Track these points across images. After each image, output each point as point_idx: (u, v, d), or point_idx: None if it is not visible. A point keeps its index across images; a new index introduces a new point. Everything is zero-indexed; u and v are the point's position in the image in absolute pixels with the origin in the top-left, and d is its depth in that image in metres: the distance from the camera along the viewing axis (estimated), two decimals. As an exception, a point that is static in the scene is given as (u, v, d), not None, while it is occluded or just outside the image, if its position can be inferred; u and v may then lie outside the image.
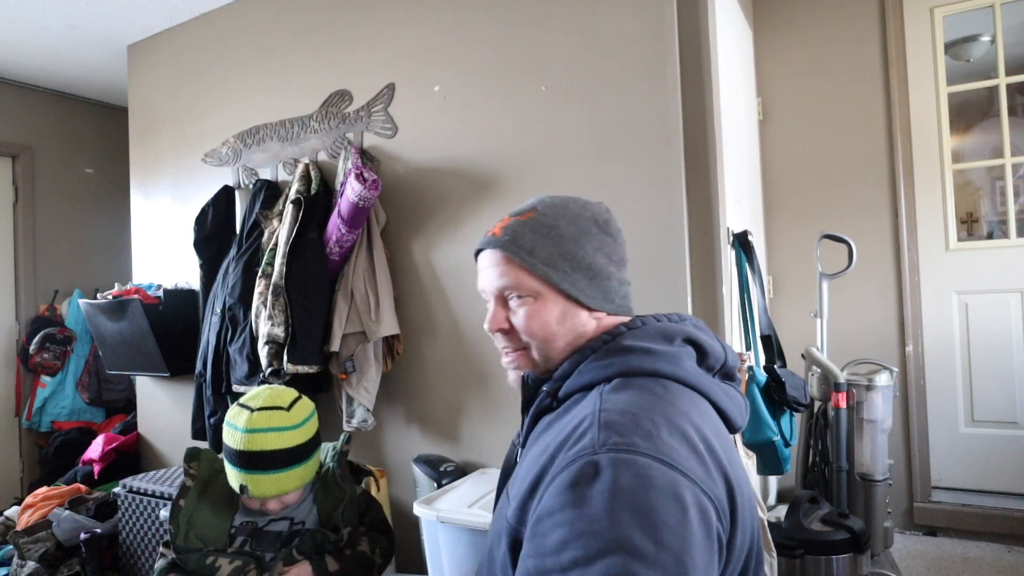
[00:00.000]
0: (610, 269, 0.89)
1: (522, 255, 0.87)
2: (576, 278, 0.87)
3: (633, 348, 0.83)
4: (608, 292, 0.89)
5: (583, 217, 0.89)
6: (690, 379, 0.82)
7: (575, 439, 0.74)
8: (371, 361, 2.26)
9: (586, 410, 0.77)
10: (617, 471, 0.67)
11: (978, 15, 2.67)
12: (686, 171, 1.91)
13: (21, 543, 2.38)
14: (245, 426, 1.33)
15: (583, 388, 0.84)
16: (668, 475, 0.67)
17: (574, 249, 0.87)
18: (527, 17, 2.14)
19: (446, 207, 2.28)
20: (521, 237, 0.88)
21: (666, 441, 0.70)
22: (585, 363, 0.85)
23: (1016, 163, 2.70)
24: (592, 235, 0.89)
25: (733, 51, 2.34)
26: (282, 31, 2.70)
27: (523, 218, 0.90)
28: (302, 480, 1.39)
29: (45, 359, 3.59)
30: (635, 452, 0.68)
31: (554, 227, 0.88)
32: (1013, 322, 2.56)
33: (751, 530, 0.76)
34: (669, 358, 0.82)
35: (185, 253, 2.86)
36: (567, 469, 0.70)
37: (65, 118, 3.99)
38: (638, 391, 0.78)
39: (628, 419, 0.72)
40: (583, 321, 0.88)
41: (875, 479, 2.03)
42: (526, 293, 0.88)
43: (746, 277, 2.03)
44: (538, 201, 0.93)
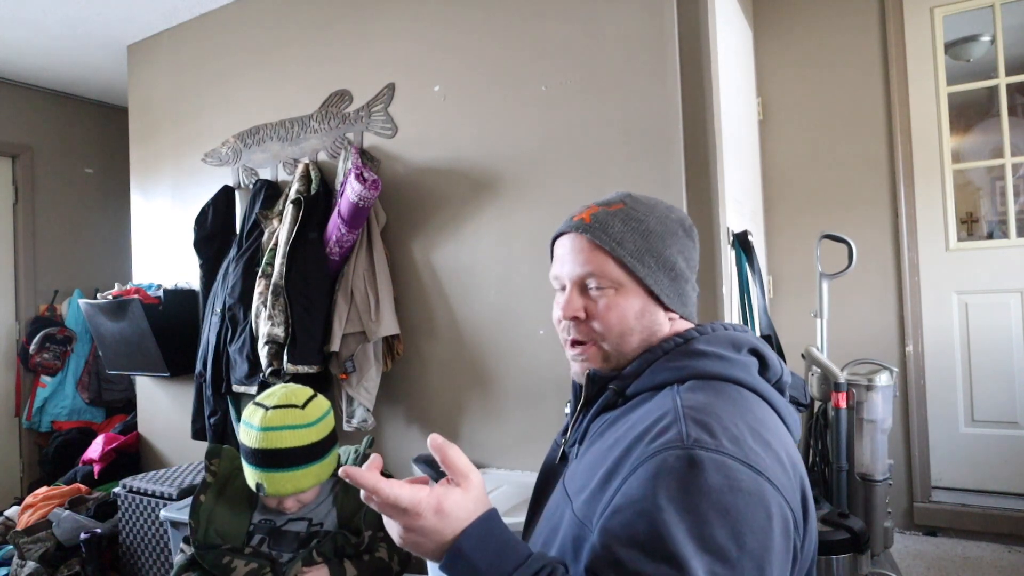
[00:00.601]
0: (688, 273, 0.90)
1: (611, 244, 0.85)
2: (659, 276, 0.86)
3: (707, 353, 0.82)
4: (684, 295, 0.89)
5: (671, 218, 0.90)
6: (761, 389, 0.82)
7: (657, 432, 0.72)
8: (371, 361, 2.26)
9: (664, 406, 0.76)
10: (707, 469, 0.66)
11: (978, 15, 2.67)
12: (686, 171, 1.91)
13: (21, 543, 2.38)
14: (260, 424, 1.34)
15: (653, 388, 0.83)
16: (756, 480, 0.67)
17: (660, 247, 0.87)
18: (527, 17, 2.14)
19: (446, 207, 2.28)
20: (611, 226, 0.86)
21: (752, 446, 0.70)
22: (658, 363, 0.84)
23: (1016, 163, 2.70)
24: (678, 237, 0.89)
25: (733, 51, 2.34)
26: (282, 31, 2.70)
27: (612, 208, 0.89)
28: (318, 478, 1.39)
29: (45, 359, 3.59)
30: (724, 453, 0.67)
31: (644, 222, 0.87)
32: (1013, 322, 2.56)
33: (815, 539, 0.77)
34: (742, 366, 0.82)
35: (185, 253, 2.86)
36: (652, 459, 0.69)
37: (65, 118, 3.99)
38: (716, 394, 0.77)
39: (714, 420, 0.72)
40: (659, 320, 0.87)
41: (875, 479, 2.03)
42: (609, 283, 0.86)
43: (746, 277, 2.03)
44: (625, 195, 0.92)
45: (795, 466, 0.74)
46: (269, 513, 1.44)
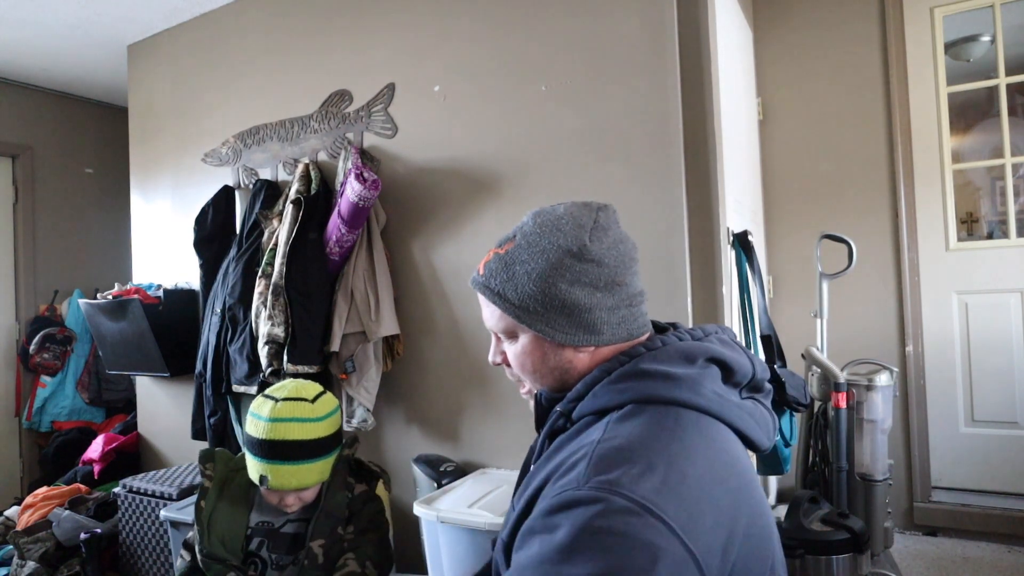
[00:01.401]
0: (593, 300, 0.82)
1: (495, 299, 0.85)
2: (551, 317, 0.82)
3: (651, 372, 0.79)
4: (593, 325, 0.83)
5: (556, 248, 0.83)
6: (710, 407, 0.78)
7: (565, 470, 0.73)
8: (371, 361, 2.26)
9: (589, 439, 0.75)
10: (592, 509, 0.65)
11: (978, 15, 2.67)
12: (686, 171, 1.91)
13: (21, 543, 2.39)
14: (269, 415, 1.33)
15: (596, 412, 0.80)
16: (646, 523, 0.63)
17: (545, 288, 0.82)
18: (527, 17, 2.14)
19: (446, 207, 2.28)
20: (494, 278, 0.86)
21: (656, 486, 0.66)
22: (600, 386, 0.81)
23: (1016, 163, 2.70)
24: (566, 268, 0.82)
25: (733, 51, 2.34)
26: (282, 31, 2.70)
27: (502, 251, 0.87)
28: (321, 475, 1.38)
29: (45, 359, 3.59)
30: (617, 493, 0.65)
31: (525, 263, 0.83)
32: (1013, 322, 2.56)
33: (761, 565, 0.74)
34: (688, 384, 0.78)
35: (185, 253, 2.86)
36: (550, 498, 0.70)
37: (65, 118, 3.99)
38: (646, 424, 0.74)
39: (623, 456, 0.69)
40: (568, 358, 0.85)
41: (875, 479, 2.03)
42: (507, 335, 0.88)
43: (746, 277, 2.03)
44: (521, 226, 0.89)
45: (718, 505, 0.69)
46: (267, 515, 1.43)
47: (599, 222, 0.86)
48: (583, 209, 0.88)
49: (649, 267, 1.91)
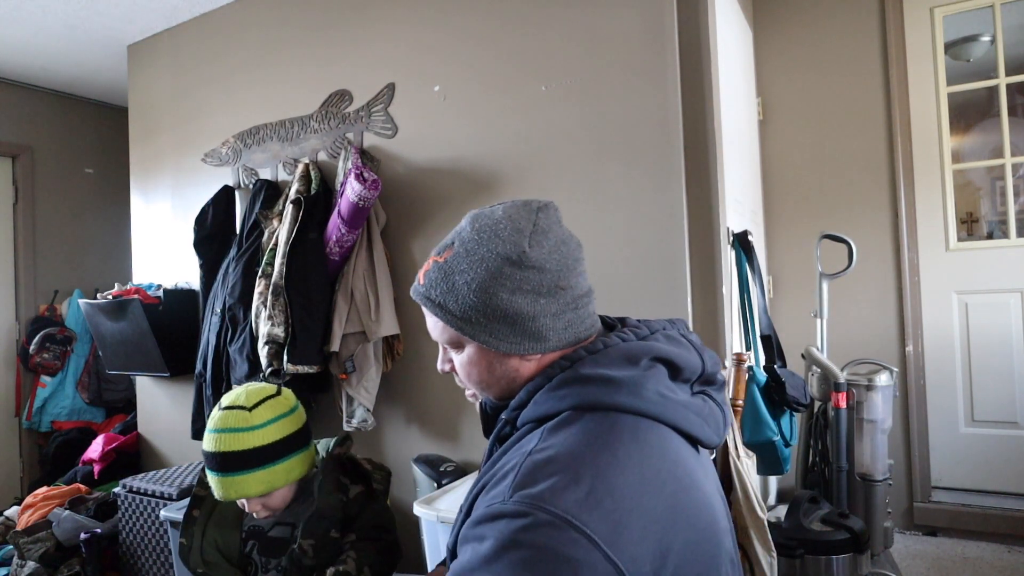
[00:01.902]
0: (536, 307, 0.80)
1: (436, 310, 0.83)
2: (494, 327, 0.80)
3: (591, 377, 0.77)
4: (537, 332, 0.81)
5: (495, 256, 0.80)
6: (651, 410, 0.76)
7: (496, 482, 0.73)
8: (371, 361, 2.26)
9: (524, 448, 0.75)
10: (514, 524, 0.65)
11: (978, 15, 2.67)
12: (686, 171, 1.91)
13: (21, 543, 2.39)
14: (210, 425, 1.33)
15: (537, 420, 0.79)
16: (567, 537, 0.64)
17: (486, 299, 0.79)
18: (527, 17, 2.14)
19: (446, 207, 2.28)
20: (434, 289, 0.83)
21: (580, 498, 0.66)
22: (541, 393, 0.80)
23: (1016, 163, 2.70)
24: (505, 276, 0.79)
25: (733, 51, 2.34)
26: (282, 31, 2.70)
27: (441, 259, 0.84)
28: (267, 484, 1.32)
29: (45, 359, 3.59)
30: (539, 508, 0.65)
31: (465, 273, 0.81)
32: (1013, 322, 2.56)
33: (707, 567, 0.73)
34: (629, 387, 0.76)
35: (185, 253, 2.86)
36: (481, 508, 0.71)
37: (65, 118, 3.99)
38: (579, 433, 0.73)
39: (550, 468, 0.69)
40: (514, 367, 0.83)
41: (875, 479, 2.03)
42: (452, 345, 0.86)
43: (746, 277, 2.03)
44: (459, 231, 0.86)
45: (650, 515, 0.68)
46: (256, 518, 1.42)
47: (539, 225, 0.83)
48: (522, 211, 0.85)
49: (649, 267, 1.91)
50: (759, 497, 1.61)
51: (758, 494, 1.61)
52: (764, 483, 2.43)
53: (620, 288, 1.95)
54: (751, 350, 2.04)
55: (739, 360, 1.77)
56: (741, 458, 1.64)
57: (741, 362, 1.77)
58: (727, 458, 1.66)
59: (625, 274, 1.95)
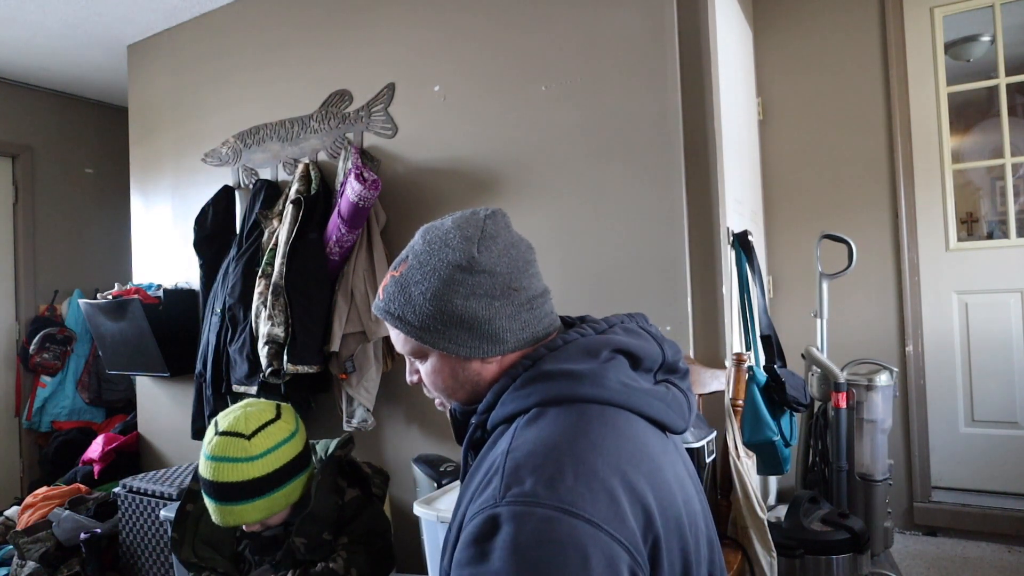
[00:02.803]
0: (491, 311, 0.82)
1: (396, 323, 0.86)
2: (453, 334, 0.83)
3: (552, 373, 0.80)
4: (495, 334, 0.83)
5: (446, 265, 0.83)
6: (615, 398, 0.79)
7: (481, 488, 0.73)
8: (371, 361, 2.26)
9: (500, 449, 0.76)
10: (516, 526, 0.66)
11: (978, 15, 2.67)
12: (686, 171, 1.91)
13: (21, 543, 2.38)
14: (207, 450, 1.28)
15: (506, 419, 0.81)
16: (569, 525, 0.65)
17: (441, 306, 0.82)
18: (527, 17, 2.14)
19: (446, 207, 2.27)
20: (393, 302, 0.86)
21: (570, 486, 0.68)
22: (507, 393, 0.82)
23: (1016, 163, 2.70)
24: (458, 283, 0.82)
25: (733, 51, 2.34)
26: (282, 31, 2.69)
27: (397, 274, 0.87)
28: (266, 511, 1.30)
29: (45, 359, 3.59)
30: (535, 503, 0.67)
31: (419, 284, 0.84)
32: (1013, 322, 2.56)
33: (683, 551, 0.75)
34: (591, 379, 0.79)
35: (185, 253, 2.86)
36: (471, 522, 0.70)
37: (65, 118, 3.99)
38: (550, 424, 0.75)
39: (532, 463, 0.71)
40: (476, 370, 0.86)
41: (875, 479, 2.03)
42: (415, 355, 0.89)
43: (746, 277, 2.03)
44: (412, 245, 0.89)
45: (633, 491, 0.71)
46: None
47: (487, 231, 0.85)
48: (470, 220, 0.87)
49: (649, 267, 1.91)
50: (759, 497, 1.61)
51: (758, 494, 1.61)
52: (764, 483, 2.43)
53: (620, 288, 1.95)
54: (751, 350, 2.04)
55: (739, 360, 1.77)
56: (741, 458, 1.64)
57: (741, 362, 1.77)
58: (727, 458, 1.66)
59: (625, 274, 1.95)
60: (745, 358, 1.79)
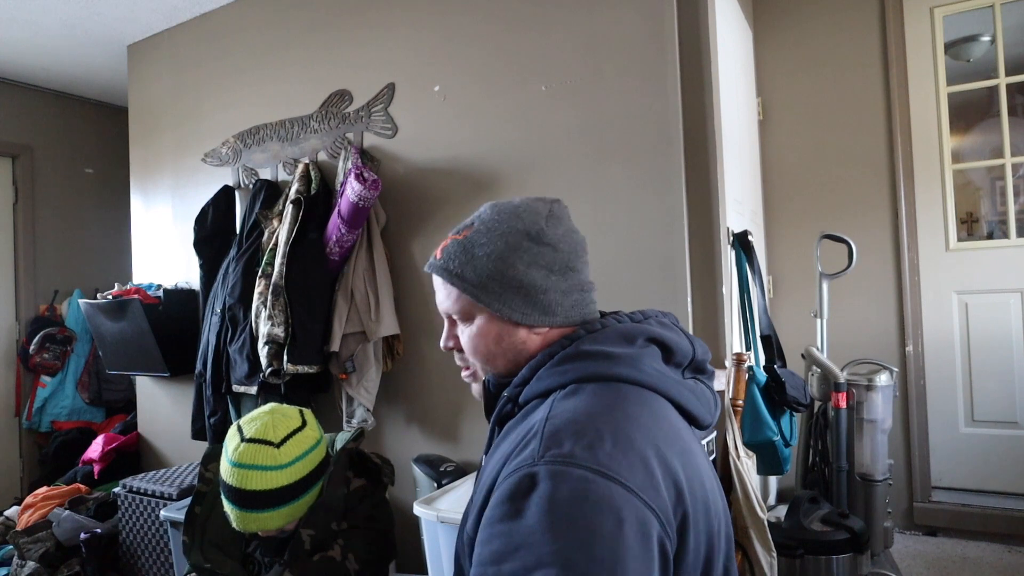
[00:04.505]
0: (548, 282, 0.86)
1: (453, 279, 0.88)
2: (508, 297, 0.85)
3: (591, 353, 0.82)
4: (548, 306, 0.87)
5: (514, 232, 0.87)
6: (649, 381, 0.81)
7: (520, 448, 0.74)
8: (371, 361, 2.26)
9: (537, 418, 0.78)
10: (553, 484, 0.67)
11: (978, 15, 2.67)
12: (686, 171, 1.91)
13: (21, 543, 2.39)
14: (232, 457, 1.27)
15: (541, 395, 0.83)
16: (605, 487, 0.66)
17: (503, 268, 0.85)
18: (527, 17, 2.14)
19: (446, 207, 2.28)
20: (452, 260, 0.88)
21: (608, 451, 0.69)
22: (544, 369, 0.84)
23: (1016, 163, 2.70)
24: (523, 250, 0.86)
25: (733, 51, 2.34)
26: (282, 31, 2.70)
27: (460, 237, 0.90)
28: (288, 518, 1.31)
29: (45, 359, 3.59)
30: (573, 464, 0.68)
31: (484, 246, 0.87)
32: (1013, 322, 2.56)
33: (708, 534, 0.75)
34: (628, 361, 0.81)
35: (185, 253, 2.86)
36: (507, 480, 0.71)
37: (65, 118, 3.99)
38: (589, 397, 0.78)
39: (572, 428, 0.72)
40: (522, 339, 0.88)
41: (875, 479, 2.03)
42: (463, 316, 0.90)
43: (746, 277, 2.03)
44: (479, 215, 0.92)
45: (667, 465, 0.73)
46: None
47: (553, 212, 0.91)
48: (538, 201, 0.93)
49: (649, 267, 1.91)
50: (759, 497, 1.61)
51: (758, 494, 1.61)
52: (764, 483, 2.43)
53: (620, 288, 1.95)
54: (751, 350, 2.04)
55: (739, 360, 1.77)
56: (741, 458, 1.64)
57: (741, 362, 1.77)
58: (727, 458, 1.66)
59: (625, 274, 1.95)
60: (745, 358, 1.79)
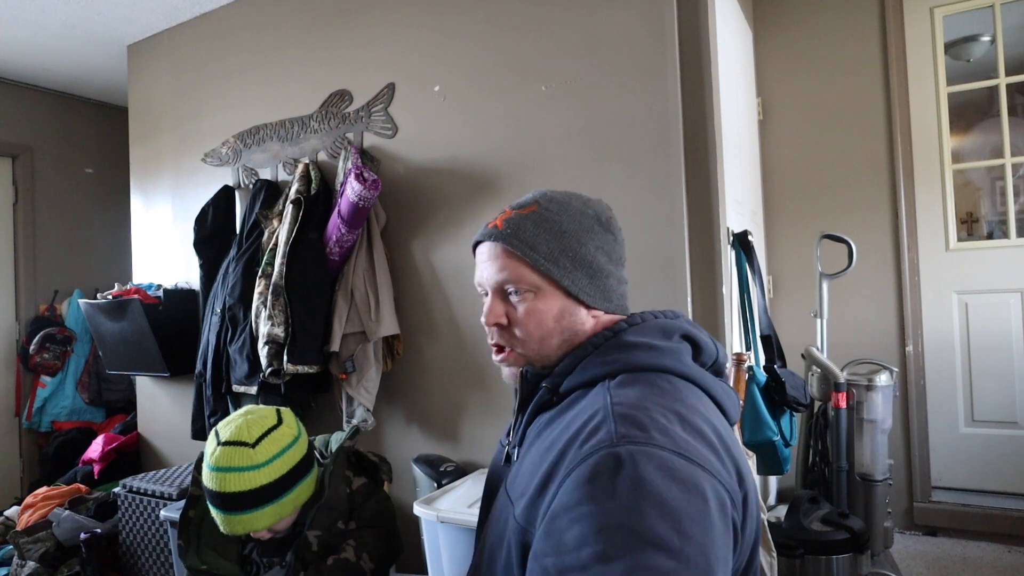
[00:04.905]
0: (609, 268, 0.89)
1: (524, 249, 0.86)
2: (577, 275, 0.86)
3: (636, 344, 0.83)
4: (607, 291, 0.89)
5: (586, 214, 0.89)
6: (692, 374, 0.83)
7: (589, 432, 0.73)
8: (371, 361, 2.26)
9: (595, 404, 0.77)
10: (639, 464, 0.66)
11: (978, 15, 2.67)
12: (686, 171, 1.91)
13: (21, 543, 2.38)
14: (210, 461, 1.27)
15: (585, 384, 0.83)
16: (687, 467, 0.67)
17: (576, 246, 0.86)
18: (527, 17, 2.14)
19: (446, 207, 2.28)
20: (523, 231, 0.87)
21: (681, 435, 0.71)
22: (588, 359, 0.84)
23: (1016, 163, 2.70)
24: (594, 233, 0.88)
25: (733, 51, 2.34)
26: (282, 31, 2.70)
27: (525, 212, 0.89)
28: (275, 517, 1.30)
29: (45, 359, 3.59)
30: (655, 445, 0.68)
31: (557, 222, 0.87)
32: (1013, 322, 2.56)
33: (756, 517, 0.78)
34: (671, 354, 0.83)
35: (185, 253, 2.86)
36: (584, 462, 0.69)
37: (65, 118, 3.99)
38: (645, 386, 0.78)
39: (642, 414, 0.72)
40: (581, 319, 0.88)
41: (875, 479, 2.03)
42: (526, 288, 0.86)
43: (746, 277, 2.03)
44: (540, 195, 0.92)
45: (728, 450, 0.75)
46: None
47: (610, 207, 0.95)
48: (591, 197, 0.96)
49: (649, 267, 1.91)
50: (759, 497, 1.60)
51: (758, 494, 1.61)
52: (764, 483, 2.43)
53: (620, 288, 1.95)
54: (751, 350, 2.04)
55: (739, 360, 1.77)
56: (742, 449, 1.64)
57: (741, 362, 1.77)
58: (727, 458, 1.66)
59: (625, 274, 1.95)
60: (745, 358, 1.79)
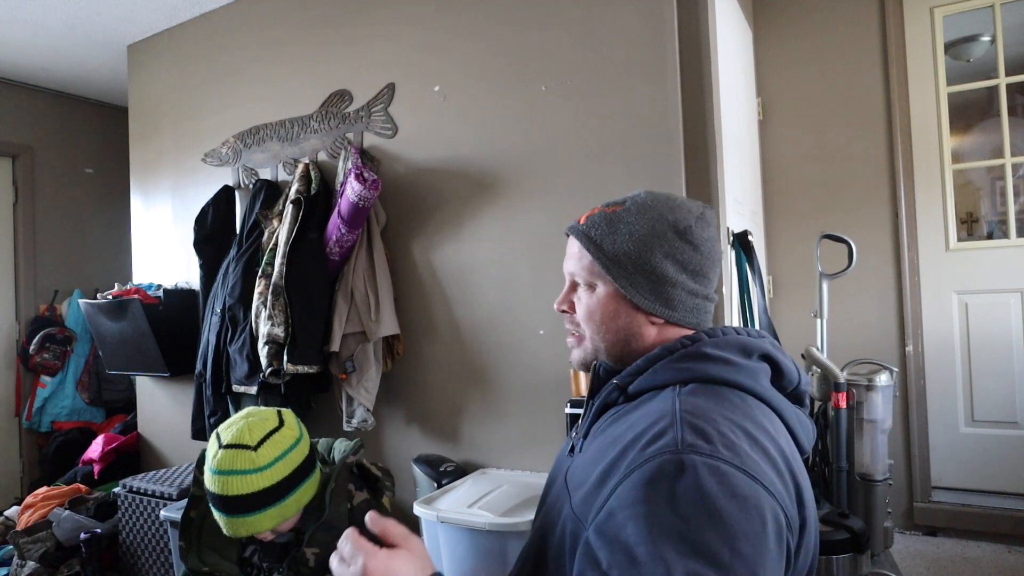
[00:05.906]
0: (679, 277, 0.87)
1: (590, 246, 0.89)
2: (636, 279, 0.87)
3: (713, 356, 0.82)
4: (671, 299, 0.87)
5: (663, 220, 0.88)
6: (766, 395, 0.82)
7: (654, 436, 0.73)
8: (371, 361, 2.26)
9: (663, 408, 0.77)
10: (702, 474, 0.66)
11: (978, 15, 2.67)
12: (686, 171, 1.91)
13: (21, 543, 2.39)
14: (212, 464, 1.27)
15: (655, 387, 0.83)
16: (750, 486, 0.67)
17: (641, 251, 0.87)
18: (527, 17, 2.14)
19: (446, 207, 2.28)
20: (595, 229, 0.90)
21: (748, 452, 0.70)
22: (662, 363, 0.84)
23: (1016, 163, 2.69)
24: (667, 240, 0.87)
25: (733, 51, 2.34)
26: (282, 31, 2.70)
27: (609, 211, 0.92)
28: (278, 519, 1.30)
29: (45, 359, 3.59)
30: (720, 459, 0.68)
31: (631, 224, 0.88)
32: (1013, 322, 2.55)
33: (814, 542, 0.77)
34: (747, 371, 0.82)
35: (185, 253, 2.86)
36: (647, 464, 0.70)
37: (65, 118, 3.99)
38: (716, 399, 0.78)
39: (710, 425, 0.72)
40: (638, 323, 0.88)
41: (875, 479, 2.03)
42: (586, 282, 0.91)
43: (746, 277, 2.03)
44: (634, 195, 0.93)
45: (793, 474, 0.75)
46: None
47: (705, 215, 0.91)
48: (693, 201, 0.94)
49: (649, 267, 1.91)
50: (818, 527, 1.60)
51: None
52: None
53: (620, 288, 1.95)
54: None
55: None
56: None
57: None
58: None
59: (625, 274, 1.95)
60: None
